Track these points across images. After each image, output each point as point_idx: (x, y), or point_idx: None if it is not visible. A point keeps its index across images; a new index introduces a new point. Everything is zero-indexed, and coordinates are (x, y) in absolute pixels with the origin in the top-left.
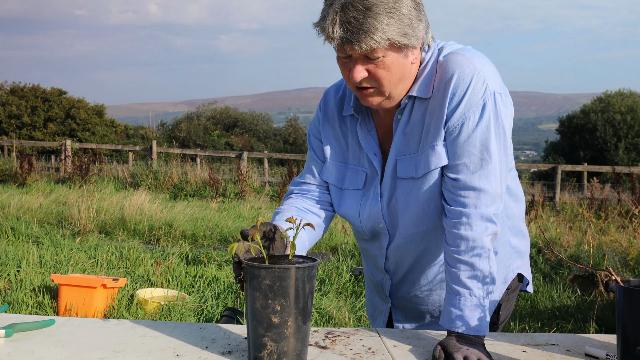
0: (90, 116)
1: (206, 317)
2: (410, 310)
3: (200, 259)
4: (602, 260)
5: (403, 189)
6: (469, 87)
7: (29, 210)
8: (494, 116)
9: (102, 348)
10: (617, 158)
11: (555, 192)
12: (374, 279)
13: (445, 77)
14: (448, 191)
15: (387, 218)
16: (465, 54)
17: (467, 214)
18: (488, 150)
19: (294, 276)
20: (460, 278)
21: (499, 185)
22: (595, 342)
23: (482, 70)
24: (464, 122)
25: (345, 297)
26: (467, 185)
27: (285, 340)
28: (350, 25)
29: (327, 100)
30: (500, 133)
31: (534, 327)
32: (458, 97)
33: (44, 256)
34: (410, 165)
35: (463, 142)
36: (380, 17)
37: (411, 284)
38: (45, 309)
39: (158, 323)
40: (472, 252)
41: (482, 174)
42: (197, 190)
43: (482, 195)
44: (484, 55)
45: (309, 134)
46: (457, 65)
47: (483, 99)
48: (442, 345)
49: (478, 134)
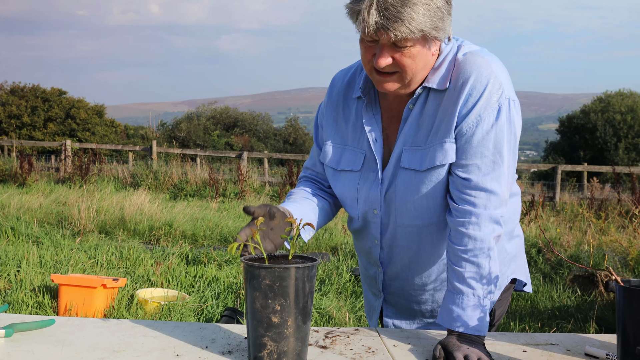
0: (90, 116)
1: (206, 317)
2: (402, 307)
3: (200, 259)
4: (602, 260)
5: (404, 178)
6: (486, 89)
7: (29, 210)
8: (508, 121)
9: (102, 348)
10: (617, 158)
11: (555, 192)
12: (367, 272)
13: (463, 76)
14: (457, 190)
15: (383, 205)
16: (485, 57)
17: (477, 214)
18: (501, 153)
19: (293, 276)
20: (464, 277)
21: (507, 190)
22: (595, 342)
23: (498, 75)
24: (479, 123)
25: (345, 297)
26: (478, 186)
27: (285, 340)
28: (387, 12)
29: (333, 84)
30: (512, 139)
31: (534, 327)
32: (474, 98)
33: (44, 256)
34: (416, 157)
35: (477, 143)
36: (417, 7)
37: (405, 281)
38: (45, 309)
39: (158, 323)
40: (478, 253)
41: (493, 177)
42: (197, 190)
43: (492, 197)
44: (500, 60)
45: (316, 118)
46: (475, 67)
47: (499, 102)
48: (442, 344)
49: (492, 136)
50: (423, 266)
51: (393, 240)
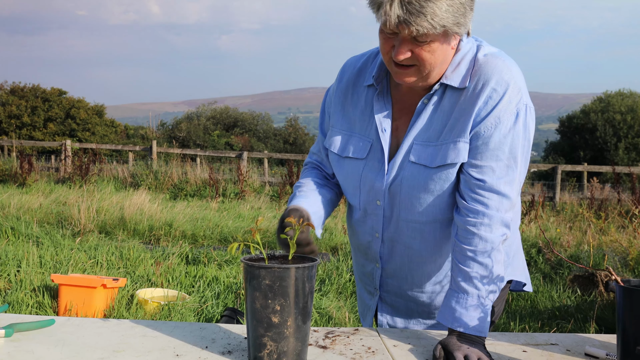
0: (90, 116)
1: (206, 317)
2: (398, 306)
3: (200, 259)
4: (602, 260)
5: (412, 172)
6: (506, 93)
7: (29, 210)
8: (524, 127)
9: (102, 348)
10: (617, 158)
11: (555, 192)
12: (364, 269)
13: (484, 78)
14: (469, 189)
15: (387, 197)
16: (505, 61)
17: (490, 215)
18: (515, 158)
19: (293, 276)
20: (471, 277)
21: (517, 194)
22: (595, 341)
23: (518, 81)
24: (497, 125)
25: (345, 297)
26: (492, 188)
27: (285, 340)
28: (410, 6)
29: (344, 69)
30: (526, 145)
31: (534, 327)
32: (494, 100)
33: (44, 256)
34: (426, 152)
35: (494, 146)
36: (440, 3)
37: (403, 279)
38: (45, 309)
39: (158, 323)
40: (488, 254)
41: (507, 180)
42: (197, 190)
43: (504, 200)
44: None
45: (323, 102)
46: (496, 70)
47: (517, 107)
48: (442, 344)
49: (509, 140)
50: (423, 264)
51: (395, 235)
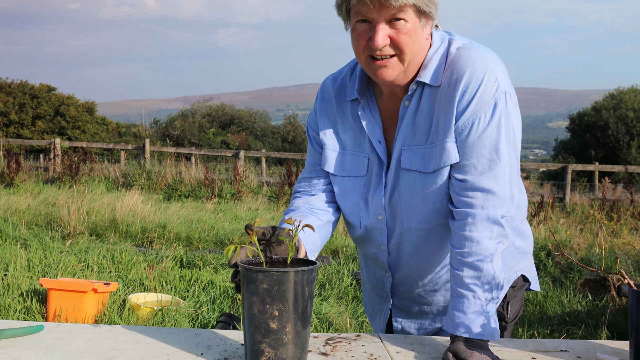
0: (80, 113)
1: (201, 323)
2: (412, 309)
3: (195, 262)
4: (614, 264)
5: (407, 181)
6: (481, 85)
7: (17, 212)
8: (505, 116)
9: (92, 355)
10: (630, 157)
11: (565, 192)
12: (375, 275)
13: (457, 72)
14: (455, 193)
15: (388, 210)
16: (478, 51)
17: (473, 214)
18: (497, 151)
19: (292, 280)
20: (464, 280)
21: (509, 188)
22: (607, 348)
23: (494, 69)
24: (474, 121)
25: (346, 302)
26: (475, 186)
27: (284, 346)
28: None
29: (324, 88)
30: (510, 134)
31: (543, 333)
32: (469, 94)
33: (32, 259)
34: (417, 157)
35: (472, 143)
36: None
37: (414, 284)
38: (33, 315)
39: (151, 329)
40: (476, 255)
41: (490, 175)
42: (191, 191)
43: (490, 196)
44: (493, 52)
45: (307, 127)
46: (469, 62)
47: (494, 98)
48: (452, 351)
49: (488, 134)
50: (432, 269)
51: (400, 245)
